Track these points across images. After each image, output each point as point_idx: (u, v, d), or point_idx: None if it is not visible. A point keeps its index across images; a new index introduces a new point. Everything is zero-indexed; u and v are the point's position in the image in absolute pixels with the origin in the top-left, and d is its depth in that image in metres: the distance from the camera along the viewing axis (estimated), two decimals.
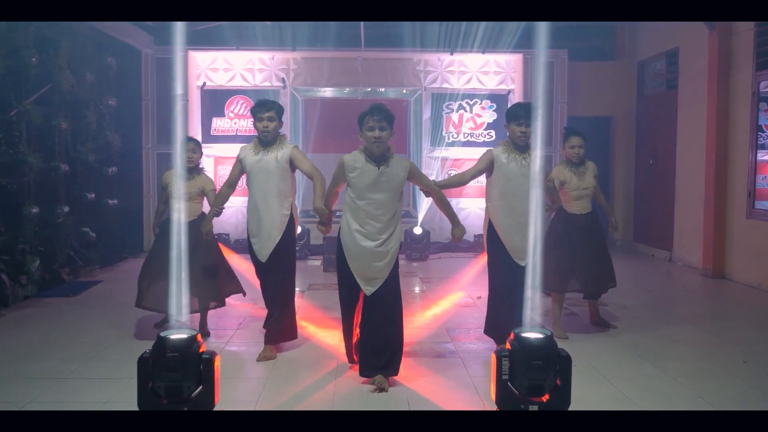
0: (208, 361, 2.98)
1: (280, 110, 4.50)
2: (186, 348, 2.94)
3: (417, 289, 6.97)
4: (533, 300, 3.22)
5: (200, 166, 5.15)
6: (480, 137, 9.75)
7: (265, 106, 4.45)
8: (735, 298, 6.69)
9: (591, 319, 5.41)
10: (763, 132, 7.20)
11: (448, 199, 4.28)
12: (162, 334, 2.98)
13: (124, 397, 3.65)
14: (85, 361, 4.37)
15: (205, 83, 9.50)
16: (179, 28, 3.44)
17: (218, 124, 9.61)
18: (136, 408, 2.83)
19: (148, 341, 3.07)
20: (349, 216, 3.97)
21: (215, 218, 4.71)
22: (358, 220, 3.93)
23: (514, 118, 4.31)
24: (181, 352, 2.92)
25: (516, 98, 9.61)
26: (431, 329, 5.27)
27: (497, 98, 9.76)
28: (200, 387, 2.95)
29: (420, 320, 5.54)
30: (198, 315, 5.01)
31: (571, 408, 2.97)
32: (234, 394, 3.78)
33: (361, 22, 8.60)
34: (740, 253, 7.29)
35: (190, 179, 4.95)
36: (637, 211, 10.11)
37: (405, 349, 4.56)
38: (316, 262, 8.50)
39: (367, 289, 3.93)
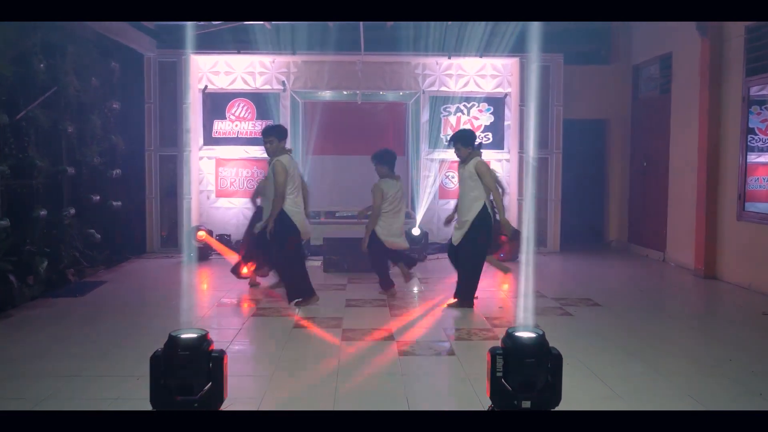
0: (218, 359, 3.13)
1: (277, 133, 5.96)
2: (196, 346, 3.10)
3: (415, 289, 7.13)
4: None
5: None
6: (477, 139, 9.89)
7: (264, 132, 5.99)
8: (724, 298, 6.87)
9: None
10: (755, 134, 7.38)
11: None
12: (173, 333, 3.14)
13: (134, 394, 3.81)
14: (95, 359, 4.52)
15: (206, 86, 9.65)
16: (182, 32, 3.59)
17: (219, 127, 9.76)
18: (146, 404, 2.96)
19: (154, 340, 3.21)
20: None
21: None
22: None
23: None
24: (191, 351, 3.08)
25: (513, 101, 9.78)
26: (429, 328, 5.44)
27: (494, 101, 9.93)
28: (210, 384, 3.10)
29: (418, 320, 5.70)
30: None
31: (564, 407, 3.13)
32: (239, 392, 3.90)
33: (361, 26, 8.74)
34: (731, 254, 7.46)
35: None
36: (631, 213, 10.29)
37: (403, 348, 4.84)
38: (316, 263, 8.65)
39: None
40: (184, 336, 3.12)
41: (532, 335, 3.19)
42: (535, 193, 9.53)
